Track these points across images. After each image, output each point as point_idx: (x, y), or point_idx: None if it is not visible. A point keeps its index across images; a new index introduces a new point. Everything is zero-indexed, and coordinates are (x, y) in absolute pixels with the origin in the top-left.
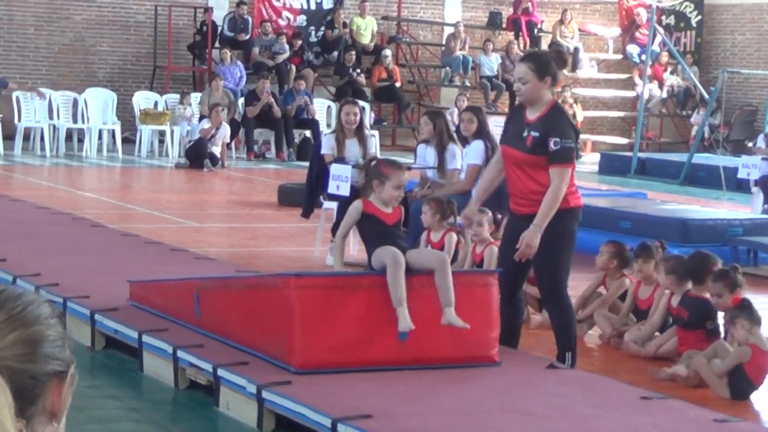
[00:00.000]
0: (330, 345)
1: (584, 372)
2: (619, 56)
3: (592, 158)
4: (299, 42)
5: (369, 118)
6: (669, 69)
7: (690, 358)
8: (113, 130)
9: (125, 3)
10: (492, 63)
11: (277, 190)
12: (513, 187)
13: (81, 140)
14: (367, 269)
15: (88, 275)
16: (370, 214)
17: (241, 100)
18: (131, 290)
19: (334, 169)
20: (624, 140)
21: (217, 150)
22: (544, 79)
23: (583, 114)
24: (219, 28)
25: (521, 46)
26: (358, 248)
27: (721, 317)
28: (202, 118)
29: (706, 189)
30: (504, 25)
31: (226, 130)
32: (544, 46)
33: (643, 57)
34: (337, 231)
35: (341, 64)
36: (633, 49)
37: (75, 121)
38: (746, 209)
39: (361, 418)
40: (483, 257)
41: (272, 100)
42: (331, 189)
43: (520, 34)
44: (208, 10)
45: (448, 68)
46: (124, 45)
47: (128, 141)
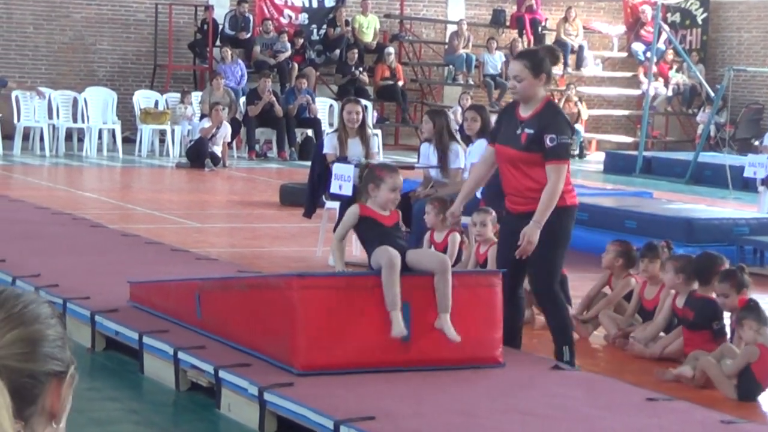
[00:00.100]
0: (332, 346)
1: (589, 373)
2: (624, 54)
3: (597, 157)
4: (301, 40)
5: (371, 116)
6: (674, 67)
7: (696, 359)
8: (113, 130)
9: (125, 1)
10: (495, 61)
11: (278, 190)
12: (508, 186)
13: (81, 140)
14: (369, 269)
15: (88, 276)
16: (368, 217)
17: (242, 99)
18: (132, 291)
19: (337, 168)
20: (629, 139)
21: (218, 149)
22: (539, 76)
23: (587, 112)
24: (220, 27)
25: (525, 44)
26: (360, 248)
27: (727, 318)
28: (203, 117)
29: (712, 188)
30: (507, 23)
31: (226, 129)
32: (548, 43)
33: (649, 55)
34: (335, 235)
35: (343, 62)
36: (638, 47)
37: (75, 120)
38: (753, 208)
39: (364, 419)
40: (487, 257)
41: (274, 99)
42: (334, 188)
43: (524, 32)
44: (208, 8)
45: (451, 66)
46: (124, 43)
47: (128, 140)
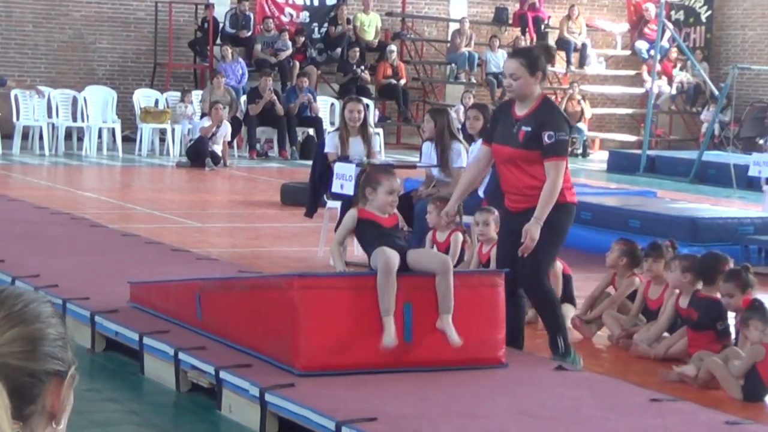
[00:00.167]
0: (334, 347)
1: (593, 373)
2: (628, 52)
3: (601, 156)
4: (302, 38)
5: (373, 115)
6: (678, 65)
7: (700, 359)
8: (113, 129)
9: None
10: (498, 59)
11: (279, 190)
12: (507, 185)
13: (80, 139)
14: (370, 270)
15: (88, 276)
16: (366, 219)
17: (243, 98)
18: (132, 291)
19: (338, 167)
20: (633, 138)
21: (218, 148)
22: (535, 74)
23: (591, 111)
24: (220, 25)
25: (528, 42)
26: (361, 248)
27: (731, 318)
28: (203, 116)
29: (716, 187)
30: (510, 21)
31: (226, 128)
32: (551, 42)
33: (652, 53)
34: (334, 238)
35: (345, 60)
36: (642, 45)
37: (74, 119)
38: (757, 207)
39: (366, 421)
40: (490, 257)
41: (275, 97)
42: (335, 188)
43: (527, 30)
44: (209, 6)
45: (453, 65)
46: (124, 42)
47: (128, 139)
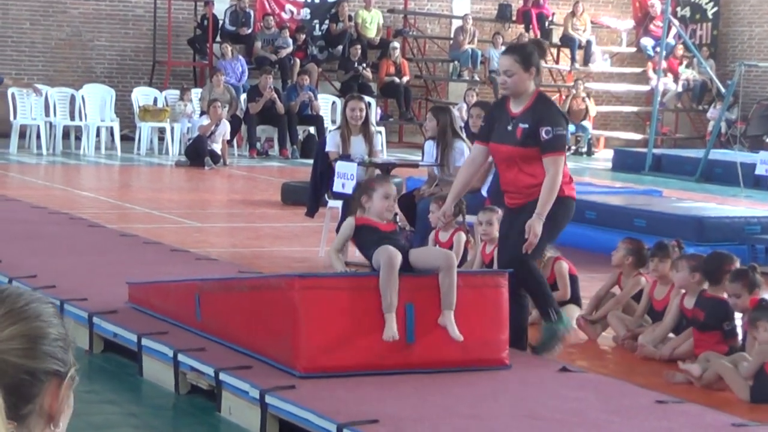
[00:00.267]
0: (335, 348)
1: (598, 375)
2: (633, 49)
3: (606, 155)
4: (303, 36)
5: (375, 114)
6: (684, 62)
7: (707, 360)
8: (111, 128)
9: None
10: None
11: (280, 189)
12: (506, 184)
13: (78, 138)
14: (371, 270)
15: (86, 277)
16: (364, 225)
17: (243, 96)
18: (130, 292)
19: (340, 166)
20: (638, 136)
21: (217, 147)
22: (529, 70)
23: (595, 109)
24: (220, 22)
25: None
26: None
27: (738, 318)
28: (202, 114)
29: (723, 186)
30: (514, 18)
31: (225, 126)
32: (556, 38)
33: (658, 50)
34: (331, 245)
35: (346, 58)
36: (647, 42)
37: (72, 118)
38: (764, 207)
39: (368, 423)
40: (493, 257)
41: (275, 95)
42: (337, 187)
43: (531, 26)
44: (208, 3)
45: (456, 62)
46: (122, 39)
47: (127, 138)
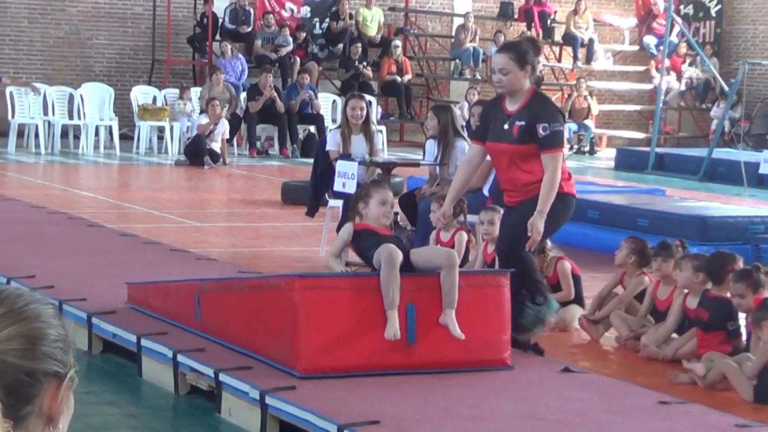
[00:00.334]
0: (336, 348)
1: (600, 375)
2: (636, 47)
3: (608, 154)
4: (303, 34)
5: (376, 112)
6: (687, 60)
7: (711, 360)
8: (110, 127)
9: None
10: None
11: (280, 188)
12: (505, 182)
13: (77, 137)
14: (372, 270)
15: (84, 277)
16: (362, 230)
17: (242, 95)
18: (130, 292)
19: (340, 165)
20: (641, 135)
21: (216, 146)
22: (524, 67)
23: (598, 107)
24: (220, 20)
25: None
26: None
27: (741, 318)
28: (202, 113)
29: (726, 185)
30: (516, 16)
31: (224, 125)
32: (558, 37)
33: (661, 48)
34: (328, 250)
35: (347, 56)
36: (650, 40)
37: (71, 117)
38: None
39: (369, 424)
40: (495, 257)
41: (275, 94)
42: (337, 186)
43: (533, 25)
44: (208, 1)
45: (457, 61)
46: (121, 38)
47: (126, 138)
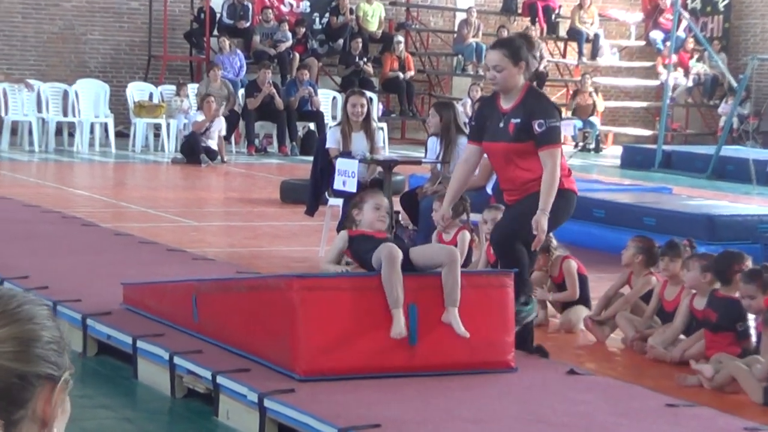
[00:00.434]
0: (336, 350)
1: (606, 378)
2: (642, 43)
3: (614, 151)
4: (302, 29)
5: (377, 109)
6: (695, 56)
7: (719, 362)
8: (106, 124)
9: None
10: None
11: (279, 187)
12: (504, 181)
13: (72, 134)
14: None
15: (79, 277)
16: (358, 235)
17: (241, 91)
18: (125, 293)
19: (340, 163)
20: (647, 132)
21: (213, 143)
22: (518, 64)
23: (604, 104)
24: (217, 15)
25: (538, 32)
26: None
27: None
28: (199, 110)
29: (734, 183)
30: (519, 11)
31: (220, 122)
32: (563, 32)
33: (668, 43)
34: (324, 258)
35: (347, 52)
36: (657, 35)
37: (65, 114)
38: None
39: (369, 427)
40: None
41: (274, 91)
42: (337, 185)
43: (537, 19)
44: None
45: (460, 56)
46: (117, 33)
47: (122, 135)
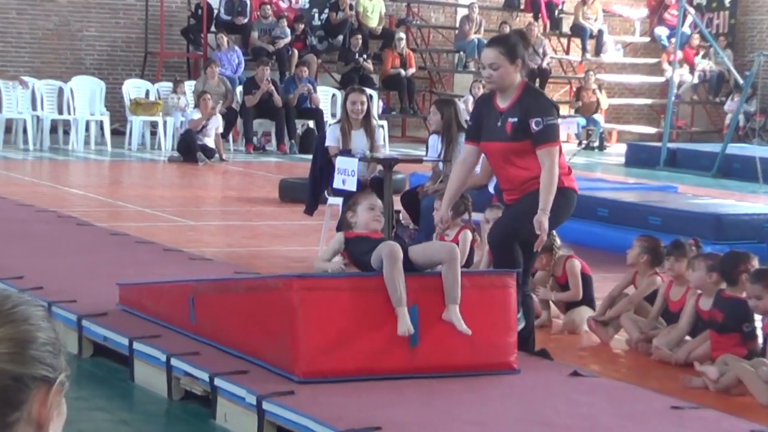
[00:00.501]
0: (336, 352)
1: (610, 379)
2: (647, 39)
3: (618, 149)
4: (301, 25)
5: (377, 107)
6: (700, 52)
7: (725, 364)
8: (101, 122)
9: None
10: None
11: (278, 185)
12: (503, 181)
13: (67, 132)
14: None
15: (74, 278)
16: (354, 237)
17: (239, 89)
18: (121, 294)
19: (340, 162)
20: (652, 129)
21: (209, 141)
22: (515, 62)
23: (607, 101)
24: (215, 11)
25: (541, 28)
26: None
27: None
28: (196, 107)
29: (741, 182)
30: (522, 7)
31: (217, 120)
32: (566, 28)
33: (673, 40)
34: (318, 257)
35: (347, 49)
36: (661, 32)
37: (60, 111)
38: None
39: (370, 430)
40: None
41: (272, 88)
42: (337, 183)
43: (540, 15)
44: None
45: (461, 53)
46: (113, 29)
47: (118, 133)
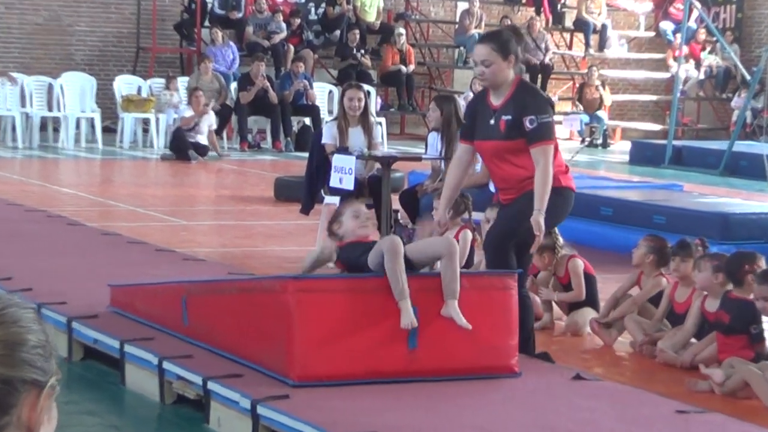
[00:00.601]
0: (332, 355)
1: (614, 383)
2: (652, 34)
3: (622, 147)
4: (297, 20)
5: (375, 103)
6: (707, 47)
7: (731, 366)
8: (92, 119)
9: None
10: None
11: (273, 184)
12: (499, 181)
13: (57, 130)
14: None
15: (64, 279)
16: (346, 245)
17: (233, 85)
18: (112, 295)
19: (337, 160)
20: (657, 127)
21: (202, 139)
22: (508, 58)
23: (611, 98)
24: (209, 6)
25: (543, 23)
26: None
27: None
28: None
29: (748, 180)
30: (523, 1)
31: (210, 117)
32: (569, 22)
33: (678, 34)
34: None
35: (344, 44)
36: (667, 26)
37: (50, 108)
38: None
39: None
40: None
41: (268, 84)
42: (333, 182)
43: (542, 10)
44: None
45: (462, 48)
46: (104, 24)
47: (109, 130)
